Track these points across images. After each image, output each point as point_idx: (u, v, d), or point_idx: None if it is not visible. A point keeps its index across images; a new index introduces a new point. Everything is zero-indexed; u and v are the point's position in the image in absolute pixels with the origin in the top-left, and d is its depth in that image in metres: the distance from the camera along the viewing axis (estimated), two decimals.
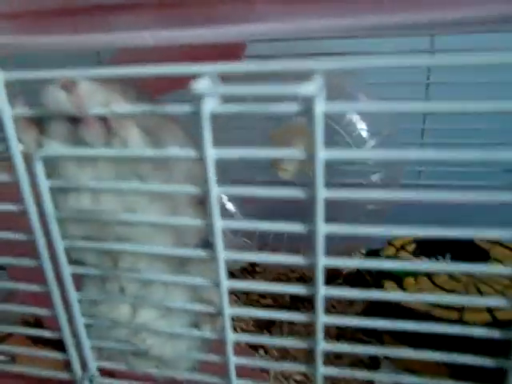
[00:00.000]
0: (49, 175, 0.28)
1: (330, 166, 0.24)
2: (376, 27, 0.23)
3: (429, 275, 0.49)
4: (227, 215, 0.68)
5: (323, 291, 0.26)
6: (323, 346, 0.28)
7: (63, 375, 0.35)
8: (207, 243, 0.33)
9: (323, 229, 0.25)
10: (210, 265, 0.35)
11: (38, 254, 0.30)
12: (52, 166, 0.28)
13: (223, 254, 0.27)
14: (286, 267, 0.66)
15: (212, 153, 0.25)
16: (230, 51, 0.50)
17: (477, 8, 0.21)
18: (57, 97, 0.26)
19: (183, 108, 0.25)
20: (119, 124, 0.27)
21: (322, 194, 0.24)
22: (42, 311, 0.33)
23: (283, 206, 0.38)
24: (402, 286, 0.48)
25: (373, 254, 0.57)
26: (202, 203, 0.30)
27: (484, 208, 0.25)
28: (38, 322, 0.51)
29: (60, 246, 0.30)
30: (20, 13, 0.24)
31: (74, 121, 0.27)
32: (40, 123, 0.29)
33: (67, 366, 0.34)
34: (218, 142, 0.25)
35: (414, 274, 0.49)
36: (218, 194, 0.26)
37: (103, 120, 0.27)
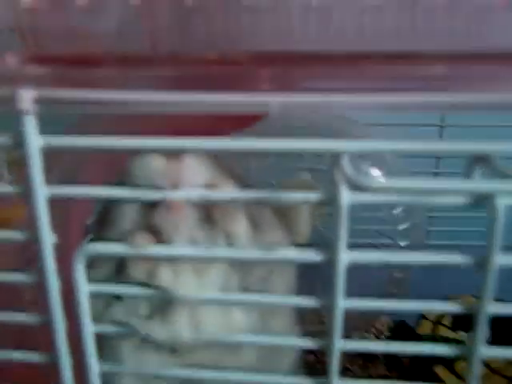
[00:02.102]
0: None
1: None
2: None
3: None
4: None
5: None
6: None
7: None
8: None
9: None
10: None
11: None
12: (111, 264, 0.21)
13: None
14: None
15: (345, 257, 0.18)
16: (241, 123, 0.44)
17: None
18: (153, 165, 0.20)
19: (309, 196, 0.18)
20: (223, 213, 0.20)
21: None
22: None
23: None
24: (453, 371, 0.43)
25: (403, 327, 0.52)
26: None
27: None
28: None
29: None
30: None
31: (151, 205, 0.20)
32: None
33: None
34: None
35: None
36: (344, 307, 0.19)
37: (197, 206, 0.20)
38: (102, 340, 0.21)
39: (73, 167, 0.26)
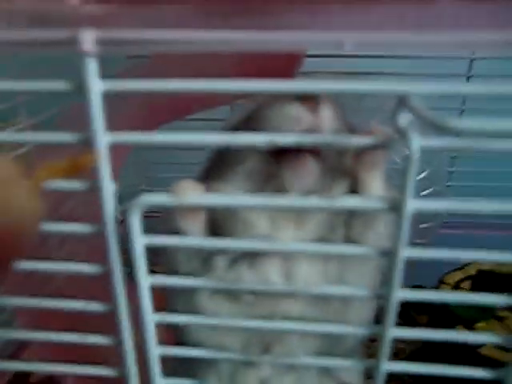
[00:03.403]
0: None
1: None
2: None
3: (500, 318, 0.45)
4: None
5: None
6: None
7: None
8: None
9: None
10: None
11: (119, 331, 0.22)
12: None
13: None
14: None
15: (411, 204, 0.18)
16: (284, 66, 0.44)
17: None
18: (298, 115, 0.20)
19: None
20: (363, 167, 0.20)
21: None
22: None
23: None
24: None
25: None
26: None
27: None
28: None
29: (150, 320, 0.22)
30: None
31: (272, 157, 0.20)
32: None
33: None
34: None
35: (485, 318, 0.45)
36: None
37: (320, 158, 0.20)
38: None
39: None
